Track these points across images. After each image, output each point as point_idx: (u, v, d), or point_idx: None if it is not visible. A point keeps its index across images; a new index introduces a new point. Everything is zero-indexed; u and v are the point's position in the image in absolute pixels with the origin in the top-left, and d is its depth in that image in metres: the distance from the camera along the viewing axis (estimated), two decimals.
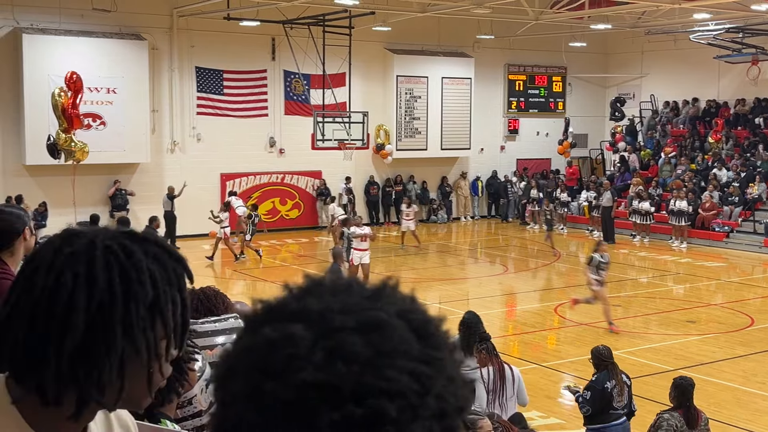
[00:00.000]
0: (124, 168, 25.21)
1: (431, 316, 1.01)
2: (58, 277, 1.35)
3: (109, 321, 1.34)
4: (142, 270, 1.38)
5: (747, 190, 26.86)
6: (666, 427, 7.25)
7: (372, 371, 0.92)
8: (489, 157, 32.59)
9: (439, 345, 0.98)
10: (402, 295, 1.02)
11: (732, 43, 29.13)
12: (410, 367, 0.93)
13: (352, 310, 0.96)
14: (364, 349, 0.93)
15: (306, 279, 1.03)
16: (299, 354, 0.93)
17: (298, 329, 0.94)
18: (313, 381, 0.91)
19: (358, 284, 1.02)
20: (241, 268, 21.91)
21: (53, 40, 23.82)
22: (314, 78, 27.07)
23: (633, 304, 18.21)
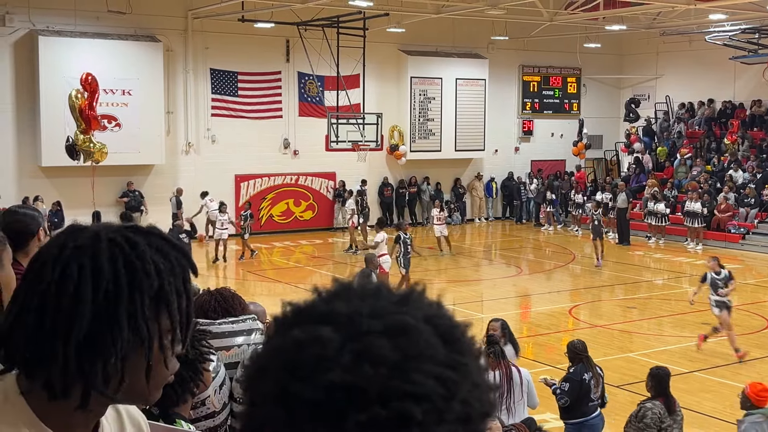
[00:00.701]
0: (139, 169, 25.31)
1: (457, 322, 1.03)
2: (63, 270, 1.37)
3: (115, 312, 1.35)
4: (146, 261, 1.39)
5: (763, 192, 26.69)
6: (651, 416, 7.48)
7: (399, 374, 0.93)
8: (503, 159, 32.54)
9: (465, 350, 0.99)
10: (429, 300, 1.04)
11: (748, 44, 28.98)
12: (436, 372, 0.94)
13: (380, 314, 0.97)
14: (392, 352, 0.94)
15: (335, 283, 1.05)
16: (327, 355, 0.94)
17: (326, 331, 0.96)
18: (341, 382, 0.92)
19: (386, 289, 1.03)
20: (255, 269, 21.95)
21: (69, 42, 23.95)
22: (328, 79, 27.10)
23: (648, 306, 18.13)
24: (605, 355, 13.83)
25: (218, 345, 3.95)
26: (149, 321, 1.38)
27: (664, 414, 7.58)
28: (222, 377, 3.86)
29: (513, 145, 33.08)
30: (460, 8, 24.49)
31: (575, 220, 29.43)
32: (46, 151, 23.60)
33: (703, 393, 11.95)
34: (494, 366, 8.00)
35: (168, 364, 1.44)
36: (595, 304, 18.58)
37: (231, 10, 24.53)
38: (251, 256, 22.69)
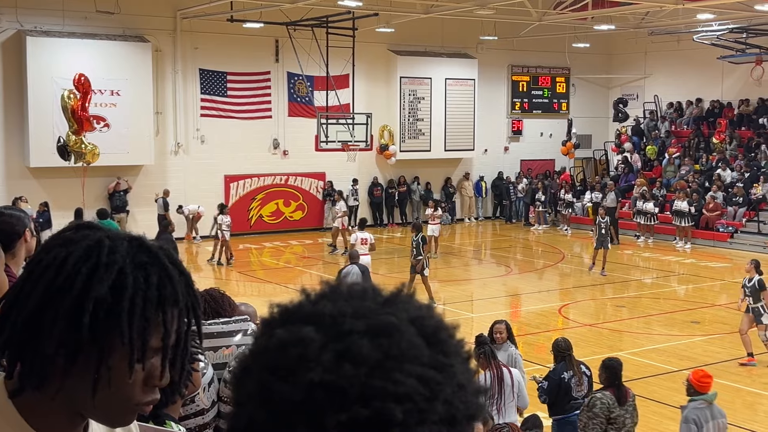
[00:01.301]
0: (128, 170, 25.24)
1: (444, 324, 1.02)
2: (62, 262, 1.37)
3: (117, 314, 1.35)
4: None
5: (751, 191, 26.82)
6: (600, 405, 7.71)
7: (380, 374, 0.93)
8: (493, 158, 32.59)
9: (450, 352, 0.99)
10: (417, 302, 1.04)
11: (736, 44, 29.11)
12: (418, 372, 0.94)
13: (364, 315, 0.97)
14: (373, 352, 0.94)
15: (323, 284, 1.05)
16: (309, 355, 0.94)
17: (309, 331, 0.96)
18: (321, 382, 0.92)
19: (373, 290, 1.03)
20: (245, 270, 21.91)
21: (57, 42, 23.86)
22: (318, 79, 27.08)
23: (637, 305, 18.19)
24: (594, 353, 13.85)
25: (207, 345, 3.95)
26: (134, 322, 1.35)
27: (613, 404, 7.76)
28: (210, 376, 3.87)
29: (502, 145, 33.13)
30: (449, 8, 24.51)
31: (564, 219, 29.50)
32: (35, 151, 23.51)
33: None
34: (485, 367, 8.01)
35: (152, 372, 1.40)
36: (585, 303, 18.63)
37: (220, 10, 24.48)
38: (228, 262, 22.32)
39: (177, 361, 1.44)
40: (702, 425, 7.52)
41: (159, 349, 1.39)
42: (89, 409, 1.40)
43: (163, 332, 1.38)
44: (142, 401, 1.41)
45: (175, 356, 1.43)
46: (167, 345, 1.40)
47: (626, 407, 7.90)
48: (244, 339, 4.12)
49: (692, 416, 7.57)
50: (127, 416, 1.43)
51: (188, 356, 1.47)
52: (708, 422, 7.58)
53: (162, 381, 1.41)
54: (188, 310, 1.43)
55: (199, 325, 1.47)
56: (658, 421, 10.74)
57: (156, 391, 1.42)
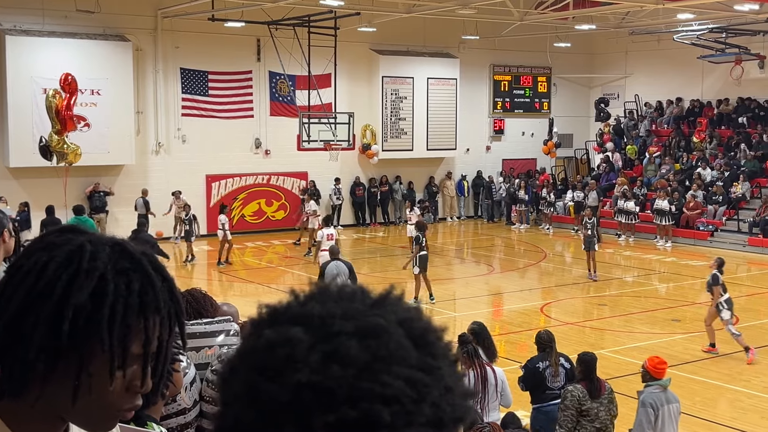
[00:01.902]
0: (109, 170, 25.11)
1: (432, 326, 1.02)
2: (43, 267, 1.36)
3: (97, 318, 1.34)
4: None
5: (731, 189, 27.02)
6: (570, 398, 7.95)
7: (368, 375, 0.93)
8: (475, 158, 32.65)
9: (438, 354, 0.99)
10: (405, 304, 1.04)
11: (715, 43, 29.31)
12: (406, 374, 0.94)
13: (352, 316, 0.97)
14: (361, 353, 0.94)
15: (312, 285, 1.05)
16: (296, 356, 0.94)
17: (297, 332, 0.96)
18: (308, 383, 0.92)
19: (362, 292, 1.03)
20: (226, 270, 21.84)
21: (37, 41, 23.70)
22: (300, 79, 27.03)
23: (618, 304, 18.28)
24: (576, 352, 13.89)
25: (189, 346, 3.93)
26: (116, 330, 1.34)
27: (584, 397, 7.95)
28: (192, 375, 3.85)
29: (484, 144, 33.21)
30: (431, 8, 24.53)
31: (546, 218, 29.60)
32: (14, 151, 23.35)
33: (673, 389, 12.01)
34: (468, 366, 8.02)
35: (133, 380, 1.38)
36: (567, 301, 18.70)
37: (201, 10, 24.38)
38: (187, 261, 22.12)
39: (158, 367, 1.42)
40: (658, 408, 7.84)
41: (140, 355, 1.37)
42: (70, 415, 1.39)
43: (144, 339, 1.37)
44: (124, 407, 1.40)
45: (157, 363, 1.41)
46: (148, 352, 1.38)
47: (600, 400, 8.05)
48: (227, 339, 4.12)
49: (649, 400, 7.85)
50: (109, 422, 1.42)
51: (169, 362, 1.46)
52: (664, 406, 7.88)
53: (143, 387, 1.40)
54: (171, 316, 1.41)
55: (182, 332, 1.46)
56: None
57: (138, 397, 1.41)
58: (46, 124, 21.93)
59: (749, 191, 27.06)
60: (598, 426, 7.97)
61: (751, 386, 12.26)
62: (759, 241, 24.76)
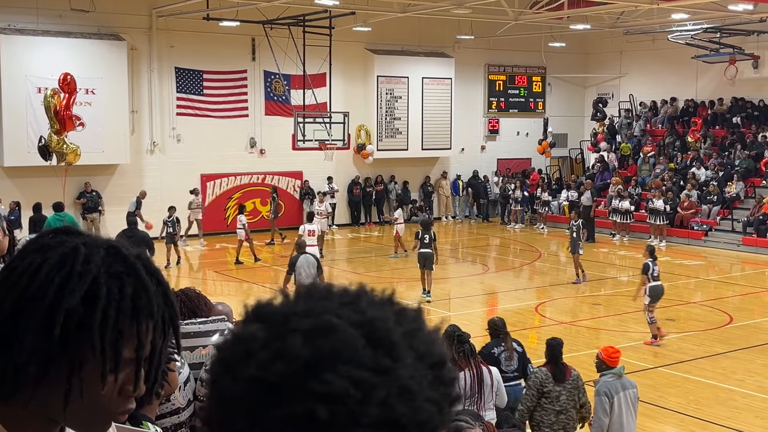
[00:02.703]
0: (103, 169, 25.07)
1: (405, 328, 1.00)
2: (37, 268, 1.35)
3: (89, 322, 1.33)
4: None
5: (725, 189, 27.08)
6: (534, 379, 8.33)
7: (311, 373, 0.94)
8: (470, 157, 32.67)
9: (399, 356, 0.97)
10: (382, 304, 1.03)
11: (710, 43, 29.36)
12: (353, 374, 0.94)
13: (313, 314, 0.99)
14: (304, 350, 0.95)
15: (307, 285, 1.06)
16: (251, 351, 0.97)
17: (256, 329, 0.99)
18: (256, 378, 0.95)
19: (339, 290, 1.04)
20: (222, 270, 21.83)
21: (31, 40, 23.65)
22: (294, 78, 27.02)
23: (613, 303, 18.31)
24: (571, 351, 13.93)
25: (184, 345, 3.93)
26: (108, 333, 1.33)
27: (547, 379, 8.23)
28: (186, 375, 3.86)
29: (479, 144, 33.23)
30: (426, 7, 24.54)
31: (541, 218, 29.63)
32: (9, 151, 23.31)
33: (667, 388, 12.09)
34: (464, 365, 8.01)
35: (123, 386, 1.37)
36: (561, 301, 18.72)
37: (195, 9, 24.36)
38: (168, 265, 21.46)
39: (152, 371, 1.41)
40: (613, 396, 8.10)
41: (133, 360, 1.36)
42: (63, 418, 1.39)
43: (137, 344, 1.36)
44: (117, 411, 1.39)
45: (150, 367, 1.40)
46: (141, 357, 1.37)
47: (564, 385, 8.27)
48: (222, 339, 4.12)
49: (603, 389, 8.13)
50: (102, 425, 1.41)
51: (163, 366, 1.45)
52: (618, 393, 8.14)
53: (136, 392, 1.39)
54: (164, 321, 1.40)
55: (177, 336, 1.45)
56: None
57: (131, 400, 1.40)
58: (41, 123, 21.90)
59: (743, 191, 27.12)
60: (557, 409, 8.20)
61: (746, 385, 12.29)
62: (753, 240, 24.81)
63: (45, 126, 20.85)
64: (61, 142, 18.58)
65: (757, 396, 11.84)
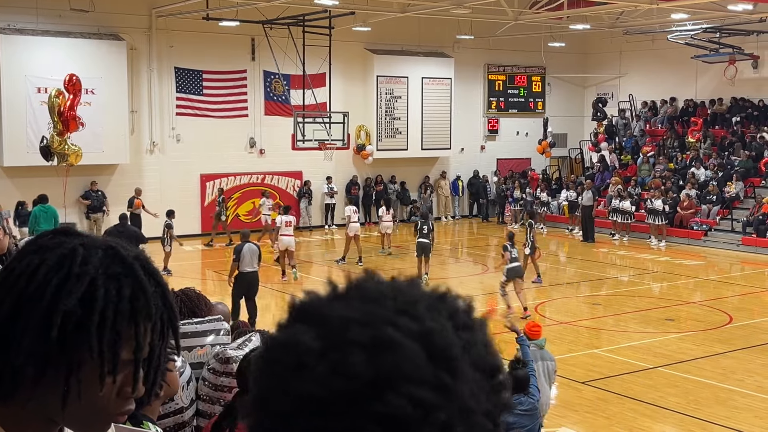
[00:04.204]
0: (103, 169, 25.06)
1: (463, 342, 0.96)
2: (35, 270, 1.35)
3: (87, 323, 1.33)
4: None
5: (725, 189, 27.08)
6: None
7: (372, 393, 0.89)
8: (469, 157, 32.67)
9: (460, 373, 0.93)
10: (439, 310, 0.97)
11: (709, 43, 29.37)
12: (415, 393, 0.90)
13: (370, 323, 0.93)
14: (367, 369, 0.90)
15: (353, 279, 1.01)
16: (305, 363, 0.91)
17: (308, 337, 0.93)
18: (313, 395, 0.90)
19: (399, 294, 0.97)
20: (221, 269, 21.80)
21: (31, 40, 23.64)
22: (294, 78, 27.02)
23: (612, 303, 18.31)
24: (571, 351, 13.95)
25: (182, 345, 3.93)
26: (105, 336, 1.33)
27: None
28: (188, 375, 3.86)
29: (479, 144, 33.23)
30: (426, 7, 24.53)
31: (540, 217, 29.63)
32: (8, 151, 23.31)
33: (667, 388, 12.09)
34: None
35: (121, 388, 1.37)
36: (561, 301, 18.72)
37: (195, 9, 24.35)
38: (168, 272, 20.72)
39: (150, 372, 1.41)
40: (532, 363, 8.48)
41: (131, 361, 1.36)
42: (62, 419, 1.39)
43: (135, 346, 1.36)
44: (116, 412, 1.39)
45: (149, 368, 1.40)
46: (139, 358, 1.37)
47: None
48: (218, 339, 4.12)
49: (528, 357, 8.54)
50: (101, 426, 1.40)
51: (162, 368, 1.44)
52: (538, 362, 8.59)
53: (134, 393, 1.39)
54: (163, 322, 1.40)
55: (176, 337, 1.45)
56: (634, 418, 10.82)
57: (130, 401, 1.40)
58: (41, 123, 21.94)
59: (743, 191, 27.13)
60: None
61: (745, 385, 12.29)
62: (753, 240, 24.81)
63: (45, 126, 20.89)
64: (63, 143, 18.58)
65: (757, 396, 11.84)
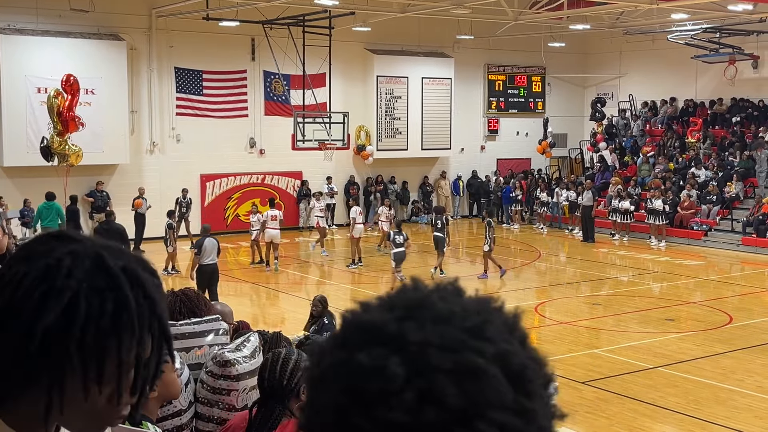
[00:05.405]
0: (103, 169, 25.06)
1: (530, 361, 0.97)
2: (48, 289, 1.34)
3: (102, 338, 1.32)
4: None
5: (725, 189, 27.08)
6: None
7: (461, 422, 0.89)
8: (469, 157, 32.67)
9: (534, 394, 0.95)
10: (503, 328, 0.98)
11: (709, 43, 29.36)
12: (501, 420, 0.90)
13: (450, 348, 0.93)
14: (458, 398, 0.90)
15: (406, 294, 1.00)
16: (391, 390, 0.90)
17: (393, 362, 0.92)
18: (401, 423, 0.89)
19: (461, 311, 0.97)
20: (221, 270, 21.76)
21: (31, 40, 23.64)
22: (294, 78, 27.02)
23: (612, 303, 18.31)
24: (571, 351, 13.94)
25: (179, 346, 3.92)
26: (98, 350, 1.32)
27: None
28: (187, 376, 3.85)
29: (479, 144, 33.23)
30: (426, 7, 24.53)
31: (540, 218, 29.64)
32: (8, 151, 23.31)
33: (667, 388, 12.08)
34: None
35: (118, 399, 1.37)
36: (561, 301, 18.72)
37: (195, 9, 24.36)
38: (168, 270, 20.75)
39: (137, 383, 1.38)
40: None
41: (116, 373, 1.35)
42: (48, 427, 1.38)
43: (118, 361, 1.34)
44: (108, 417, 1.38)
45: (136, 379, 1.38)
46: (123, 371, 1.35)
47: None
48: (216, 339, 4.11)
49: None
50: (96, 429, 1.39)
51: (151, 377, 1.41)
52: None
53: (121, 404, 1.37)
54: (153, 336, 1.37)
55: (169, 347, 1.42)
56: (634, 418, 10.82)
57: (123, 407, 1.38)
58: (41, 123, 21.94)
59: (743, 191, 27.12)
60: None
61: (745, 385, 12.29)
62: (753, 240, 24.81)
63: (45, 126, 20.90)
64: (63, 143, 18.57)
65: (757, 396, 11.84)
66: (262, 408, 3.64)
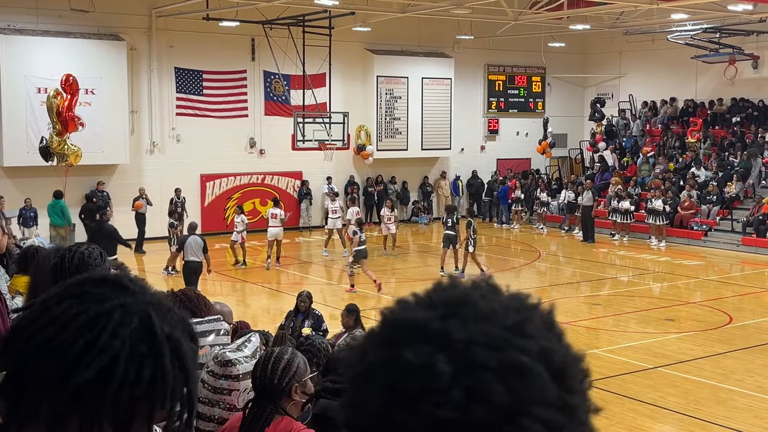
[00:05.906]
0: (103, 169, 25.06)
1: (570, 357, 1.00)
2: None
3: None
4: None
5: (725, 189, 27.08)
6: None
7: (507, 419, 0.91)
8: (469, 157, 32.67)
9: (575, 389, 0.97)
10: (544, 326, 1.00)
11: (709, 43, 29.37)
12: (545, 416, 0.92)
13: (495, 346, 0.94)
14: (504, 396, 0.91)
15: (445, 292, 1.01)
16: (438, 388, 0.92)
17: (439, 360, 0.93)
18: (449, 419, 0.91)
19: (501, 309, 0.99)
20: (222, 269, 21.79)
21: (31, 40, 23.64)
22: (294, 78, 27.02)
23: (612, 303, 18.31)
24: None
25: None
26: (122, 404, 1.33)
27: None
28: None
29: (479, 144, 33.23)
30: (426, 7, 24.54)
31: (540, 218, 29.64)
32: (8, 151, 23.31)
33: (667, 388, 12.09)
34: None
35: None
36: (561, 301, 18.71)
37: (195, 9, 24.36)
38: (169, 271, 20.69)
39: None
40: None
41: (143, 429, 1.36)
42: None
43: (147, 425, 1.36)
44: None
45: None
46: (150, 429, 1.37)
47: None
48: (218, 339, 4.12)
49: None
50: None
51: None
52: None
53: None
54: (182, 405, 1.39)
55: (191, 419, 1.43)
56: (633, 418, 10.82)
57: None
58: (41, 123, 21.94)
59: (743, 191, 27.12)
60: None
61: (745, 386, 12.29)
62: (753, 240, 24.81)
63: (44, 126, 20.90)
64: (63, 143, 18.56)
65: (757, 396, 11.84)
66: (255, 406, 3.69)
